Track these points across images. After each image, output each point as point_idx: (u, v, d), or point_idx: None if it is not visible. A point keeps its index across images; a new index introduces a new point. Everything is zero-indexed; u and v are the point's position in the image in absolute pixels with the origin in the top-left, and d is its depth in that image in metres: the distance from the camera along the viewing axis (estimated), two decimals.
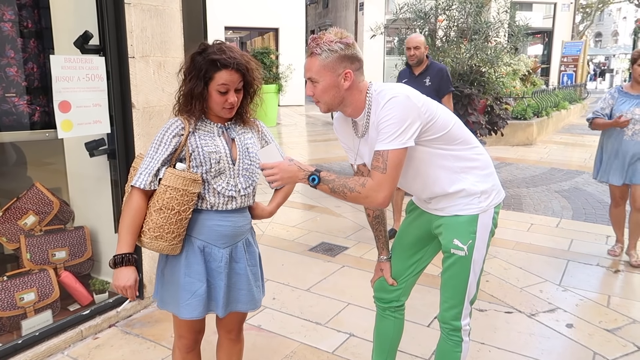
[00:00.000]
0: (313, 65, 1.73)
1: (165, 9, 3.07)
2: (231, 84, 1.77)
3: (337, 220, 5.16)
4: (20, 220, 3.07)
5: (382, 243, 2.18)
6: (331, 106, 1.81)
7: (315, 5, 25.20)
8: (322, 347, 2.82)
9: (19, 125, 2.97)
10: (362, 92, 1.79)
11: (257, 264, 2.01)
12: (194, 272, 1.83)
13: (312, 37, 1.75)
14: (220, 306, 1.87)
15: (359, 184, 1.71)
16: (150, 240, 1.78)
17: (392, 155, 1.67)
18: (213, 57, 1.74)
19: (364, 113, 1.81)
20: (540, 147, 9.77)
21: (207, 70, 1.75)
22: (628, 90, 3.98)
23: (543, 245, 4.45)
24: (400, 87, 1.75)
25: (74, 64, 2.73)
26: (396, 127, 1.66)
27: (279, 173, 1.73)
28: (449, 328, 2.00)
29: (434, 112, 1.77)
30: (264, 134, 2.00)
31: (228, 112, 1.83)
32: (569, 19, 21.15)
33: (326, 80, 1.73)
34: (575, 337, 2.96)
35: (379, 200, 1.71)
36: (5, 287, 2.75)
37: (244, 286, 1.92)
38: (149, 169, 1.77)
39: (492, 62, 6.17)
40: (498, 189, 1.95)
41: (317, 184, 1.73)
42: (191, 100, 1.78)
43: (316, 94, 1.78)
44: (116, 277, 1.77)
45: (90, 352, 2.76)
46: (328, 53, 1.71)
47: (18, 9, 2.94)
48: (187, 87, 1.78)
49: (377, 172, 1.69)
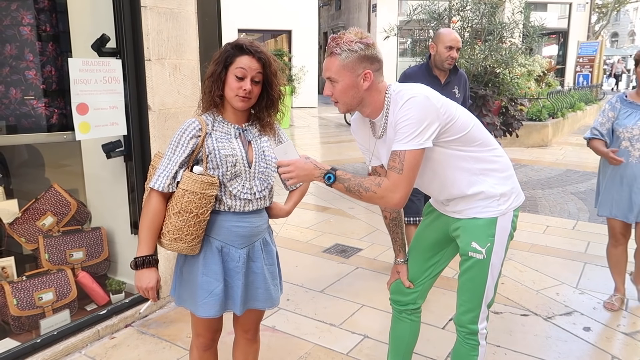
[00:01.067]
0: (332, 65, 1.73)
1: (181, 12, 3.10)
2: (249, 70, 1.77)
3: (351, 222, 5.16)
4: (39, 221, 3.12)
5: (399, 245, 2.17)
6: (350, 106, 1.80)
7: (328, 7, 25.22)
8: (336, 348, 2.82)
9: (38, 127, 3.01)
10: (381, 93, 1.78)
11: (275, 262, 2.02)
12: (211, 271, 1.85)
13: (332, 37, 1.75)
14: (238, 304, 1.89)
15: (375, 183, 1.70)
16: (169, 242, 1.80)
17: (409, 155, 1.66)
18: (238, 42, 1.79)
19: (383, 114, 1.80)
20: (555, 148, 9.66)
21: (230, 55, 1.77)
22: (633, 99, 3.10)
23: (559, 248, 4.40)
24: (419, 87, 1.74)
25: (91, 66, 2.77)
26: (414, 127, 1.65)
27: (295, 171, 1.72)
28: (465, 332, 1.98)
29: (453, 113, 1.76)
30: (280, 136, 2.00)
31: (241, 101, 1.79)
32: (584, 19, 20.92)
33: (345, 80, 1.73)
34: (593, 341, 2.92)
35: (394, 200, 1.70)
36: (24, 286, 2.79)
37: (261, 284, 1.93)
38: (167, 172, 1.78)
39: (506, 63, 6.11)
40: (517, 191, 1.93)
41: (332, 183, 1.73)
42: (213, 85, 1.80)
43: (335, 94, 1.77)
44: (138, 279, 1.79)
45: (107, 351, 2.79)
46: (348, 53, 1.70)
47: (37, 13, 2.99)
48: (210, 71, 1.80)
49: (394, 172, 1.68)
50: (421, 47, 6.93)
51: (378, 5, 17.72)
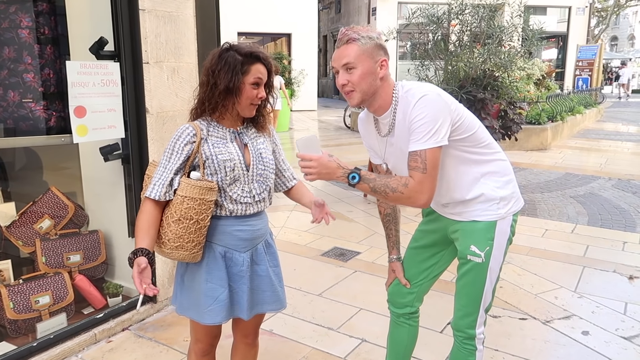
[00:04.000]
0: (352, 51, 1.70)
1: (180, 15, 3.10)
2: (263, 78, 1.79)
3: (349, 225, 5.15)
4: (36, 224, 3.11)
5: (392, 242, 2.16)
6: (366, 95, 1.75)
7: (328, 10, 25.28)
8: (334, 352, 2.81)
9: (36, 130, 3.01)
10: (390, 88, 1.78)
11: (279, 264, 2.01)
12: (215, 278, 1.83)
13: (346, 28, 1.75)
14: (244, 310, 1.87)
15: (402, 184, 1.67)
16: (171, 251, 1.77)
17: (429, 154, 1.65)
18: (249, 51, 1.76)
19: (390, 111, 1.79)
20: (554, 152, 9.66)
21: (243, 63, 1.75)
22: None
23: (558, 251, 4.39)
24: (428, 85, 1.74)
25: (89, 69, 2.76)
26: (430, 125, 1.64)
27: (317, 167, 1.68)
28: (463, 336, 1.97)
29: (462, 111, 1.77)
30: (275, 138, 2.00)
31: (254, 109, 1.83)
32: (584, 23, 20.97)
33: (365, 65, 1.70)
34: (592, 345, 2.91)
35: (422, 200, 1.68)
36: (21, 290, 2.78)
37: (267, 287, 1.92)
38: (163, 180, 1.76)
39: (505, 66, 6.12)
40: (517, 196, 1.92)
41: (357, 183, 1.70)
42: (228, 96, 1.76)
43: (352, 81, 1.72)
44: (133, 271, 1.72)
45: (104, 355, 2.78)
46: (367, 40, 1.70)
47: (35, 16, 2.99)
48: (224, 83, 1.74)
49: (417, 172, 1.66)
50: (420, 51, 6.94)
51: (377, 9, 17.78)
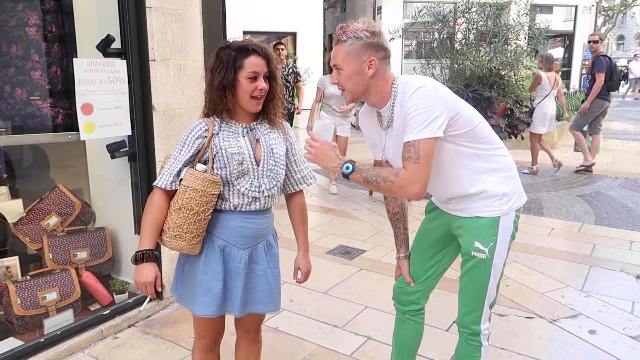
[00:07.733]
0: (339, 53, 1.76)
1: (186, 12, 3.10)
2: (260, 70, 1.79)
3: (354, 223, 5.15)
4: (43, 220, 3.13)
5: (400, 240, 2.16)
6: (355, 94, 1.81)
7: (333, 9, 25.25)
8: (339, 350, 2.81)
9: (43, 127, 3.02)
10: (388, 83, 1.79)
11: (278, 265, 2.01)
12: (211, 270, 1.84)
13: (340, 26, 1.77)
14: (237, 307, 1.87)
15: (393, 173, 1.68)
16: (169, 239, 1.80)
17: (423, 144, 1.65)
18: (241, 45, 1.78)
19: (389, 104, 1.80)
20: (561, 150, 9.60)
21: (236, 58, 1.76)
22: None
23: (564, 250, 4.38)
24: (426, 79, 1.74)
25: (96, 67, 2.77)
26: (425, 116, 1.64)
27: (317, 150, 1.76)
28: (467, 332, 1.97)
29: (460, 106, 1.76)
30: (289, 134, 1.99)
31: (257, 103, 1.81)
32: (590, 22, 20.82)
33: (350, 67, 1.75)
34: (599, 344, 2.89)
35: (414, 190, 1.67)
36: (28, 286, 2.79)
37: (263, 287, 1.92)
38: (171, 170, 1.80)
39: (511, 65, 6.10)
40: (520, 192, 1.92)
41: (350, 173, 1.73)
42: (224, 93, 1.78)
43: (340, 81, 1.80)
44: (137, 273, 1.78)
45: (110, 351, 2.79)
46: (353, 40, 1.73)
47: (43, 13, 3.00)
48: (218, 80, 1.77)
49: (410, 162, 1.66)
50: (426, 49, 6.93)
51: (383, 8, 17.72)
